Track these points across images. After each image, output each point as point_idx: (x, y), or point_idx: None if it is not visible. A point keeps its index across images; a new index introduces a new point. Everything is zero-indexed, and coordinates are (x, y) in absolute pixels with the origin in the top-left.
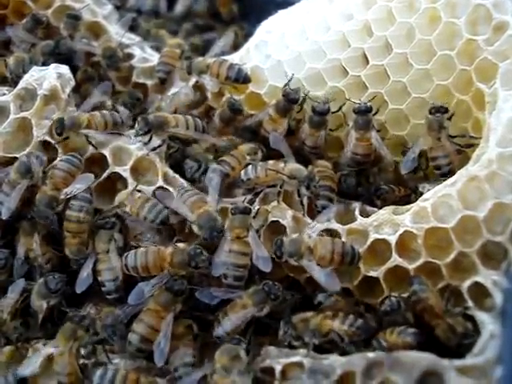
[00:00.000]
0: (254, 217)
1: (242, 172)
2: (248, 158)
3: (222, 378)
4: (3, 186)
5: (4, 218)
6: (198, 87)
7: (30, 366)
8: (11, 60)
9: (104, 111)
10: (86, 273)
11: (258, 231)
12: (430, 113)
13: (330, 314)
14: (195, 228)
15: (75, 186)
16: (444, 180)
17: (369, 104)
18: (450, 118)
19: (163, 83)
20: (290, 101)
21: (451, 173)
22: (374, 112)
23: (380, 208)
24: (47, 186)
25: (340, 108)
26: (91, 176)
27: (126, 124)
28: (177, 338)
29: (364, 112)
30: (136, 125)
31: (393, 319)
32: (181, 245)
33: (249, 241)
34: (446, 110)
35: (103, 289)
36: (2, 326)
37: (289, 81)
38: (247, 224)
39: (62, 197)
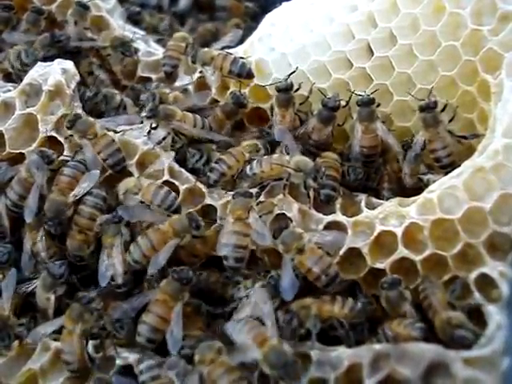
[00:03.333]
0: (258, 204)
1: (248, 167)
2: (247, 155)
3: (213, 367)
4: (13, 184)
5: (28, 222)
6: (202, 80)
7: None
8: (10, 54)
9: (115, 144)
10: (104, 267)
11: (260, 217)
12: (422, 111)
13: (327, 299)
14: (265, 368)
15: (82, 185)
16: (445, 172)
17: (371, 95)
18: (443, 110)
19: (169, 77)
20: (284, 90)
21: (452, 165)
22: (376, 104)
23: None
24: (54, 192)
25: (347, 102)
26: (97, 173)
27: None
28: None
29: (367, 104)
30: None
31: (391, 296)
32: (174, 216)
33: (249, 222)
34: (436, 105)
35: (112, 282)
36: (6, 322)
37: (291, 73)
38: (248, 206)
39: (71, 199)
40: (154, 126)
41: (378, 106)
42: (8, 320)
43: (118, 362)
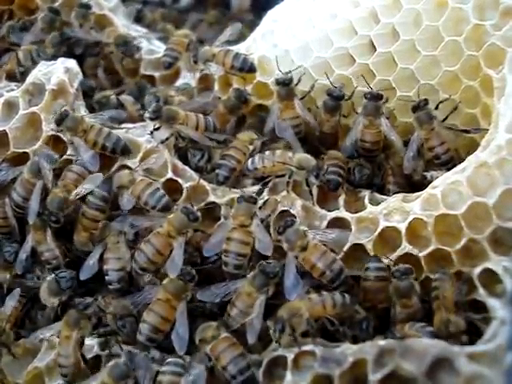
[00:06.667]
0: (261, 207)
1: (249, 161)
2: (251, 147)
3: (216, 343)
4: (16, 185)
5: (31, 223)
6: (204, 78)
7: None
8: (20, 53)
9: (105, 129)
10: (92, 261)
11: (263, 221)
12: (415, 111)
13: (316, 299)
14: None
15: (84, 186)
16: (446, 169)
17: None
18: (436, 107)
19: (168, 68)
20: (284, 83)
21: (451, 161)
22: (384, 100)
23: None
24: (58, 187)
25: (351, 95)
26: (100, 176)
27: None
28: None
29: (375, 98)
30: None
31: (401, 285)
32: (170, 215)
33: (252, 230)
34: (427, 102)
35: (106, 278)
36: (1, 336)
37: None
38: (251, 212)
39: (72, 198)
40: (156, 127)
41: (386, 102)
42: (2, 334)
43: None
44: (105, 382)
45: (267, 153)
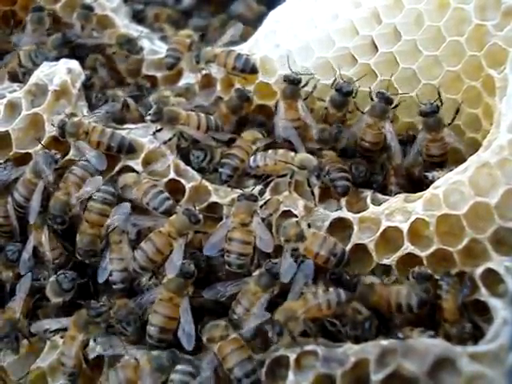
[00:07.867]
0: (261, 206)
1: (251, 159)
2: (254, 147)
3: (224, 344)
4: (18, 185)
5: (31, 222)
6: (206, 78)
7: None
8: (21, 54)
9: (108, 129)
10: (105, 263)
11: (264, 220)
12: (424, 116)
13: (312, 301)
14: None
15: (85, 189)
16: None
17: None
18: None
19: (171, 69)
20: (292, 81)
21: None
22: (392, 106)
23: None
24: (60, 190)
25: (356, 93)
26: (100, 179)
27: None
28: None
29: (385, 101)
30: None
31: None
32: (172, 216)
33: (252, 227)
34: (439, 109)
35: (110, 278)
36: (16, 325)
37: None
38: (251, 210)
39: (73, 201)
40: (158, 128)
41: (395, 107)
42: (17, 323)
43: (127, 358)
44: (142, 364)
45: (269, 151)
